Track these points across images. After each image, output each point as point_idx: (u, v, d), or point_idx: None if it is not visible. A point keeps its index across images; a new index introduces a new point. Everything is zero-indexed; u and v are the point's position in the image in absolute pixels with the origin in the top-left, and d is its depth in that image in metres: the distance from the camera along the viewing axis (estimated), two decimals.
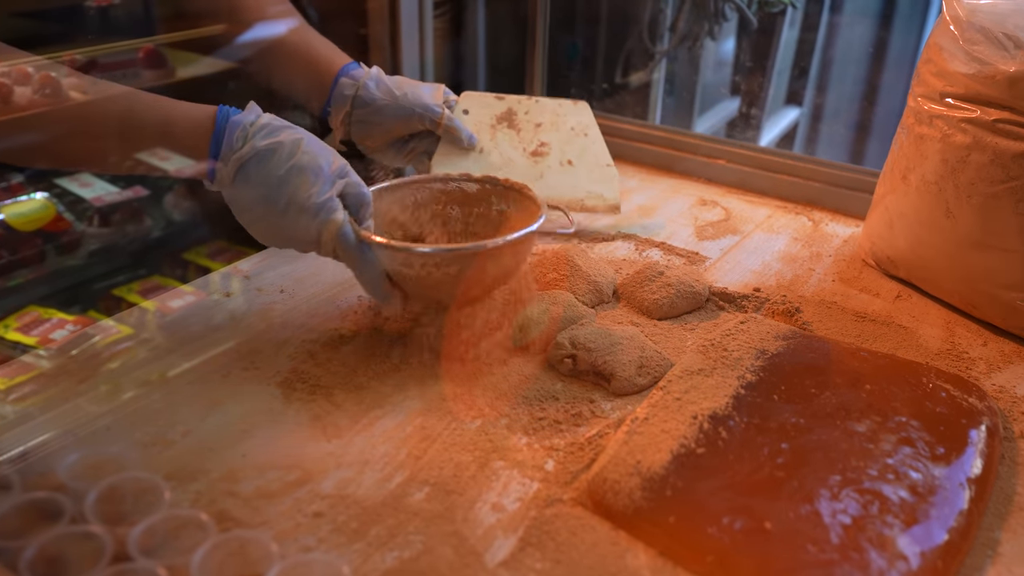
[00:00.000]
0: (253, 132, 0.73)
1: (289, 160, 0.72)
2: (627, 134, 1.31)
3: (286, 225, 0.74)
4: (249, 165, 0.72)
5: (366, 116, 0.97)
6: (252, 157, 0.72)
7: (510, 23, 1.54)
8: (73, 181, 1.32)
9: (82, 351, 0.82)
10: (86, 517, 0.55)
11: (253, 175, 0.73)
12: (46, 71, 0.77)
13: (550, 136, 1.08)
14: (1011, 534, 0.61)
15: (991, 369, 0.81)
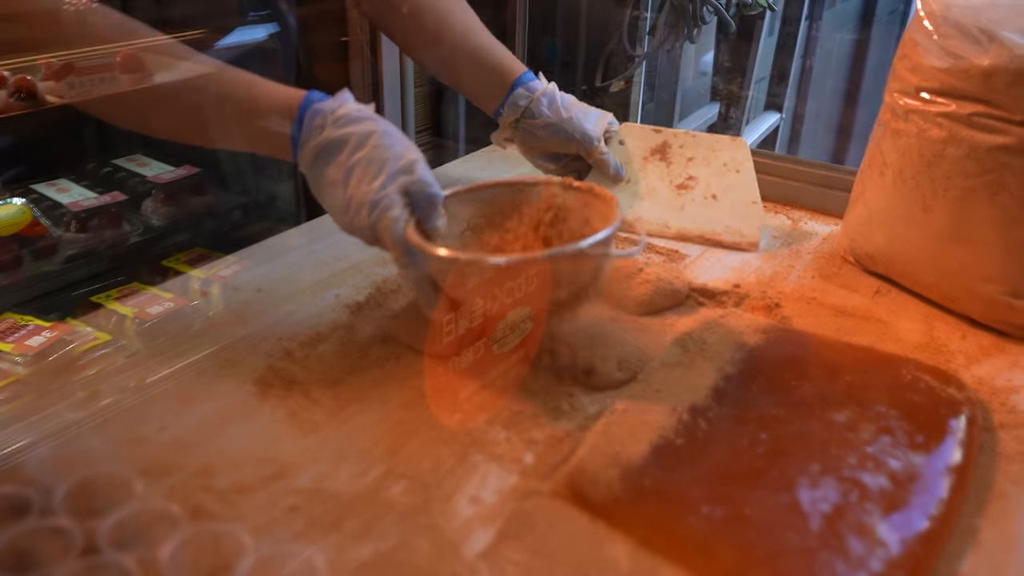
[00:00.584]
0: (331, 121, 0.75)
1: (356, 152, 0.74)
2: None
3: (350, 216, 0.74)
4: (322, 153, 0.75)
5: (531, 128, 1.08)
6: (325, 146, 0.75)
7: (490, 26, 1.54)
8: (50, 187, 1.31)
9: (58, 358, 0.81)
10: (55, 511, 0.54)
11: (324, 163, 0.75)
12: None
13: (700, 170, 1.10)
14: (991, 522, 0.61)
15: (970, 362, 0.81)
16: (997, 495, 0.64)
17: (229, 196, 1.42)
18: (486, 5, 1.55)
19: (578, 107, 1.09)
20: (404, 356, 0.79)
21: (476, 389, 0.74)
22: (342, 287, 0.91)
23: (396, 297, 0.88)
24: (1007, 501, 0.63)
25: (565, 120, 1.06)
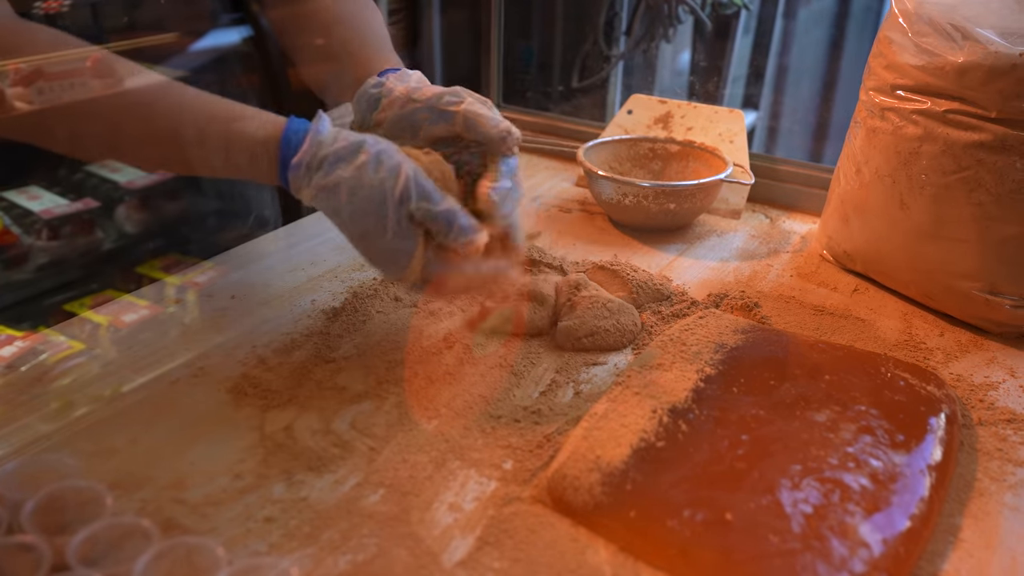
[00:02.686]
0: (315, 166, 0.68)
1: (350, 205, 0.67)
2: (584, 136, 1.31)
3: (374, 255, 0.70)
4: (318, 202, 0.69)
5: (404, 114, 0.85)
6: (318, 195, 0.68)
7: (465, 28, 1.53)
8: (21, 194, 1.29)
9: (31, 368, 0.80)
10: (23, 527, 0.53)
11: (326, 210, 0.69)
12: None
13: (697, 138, 1.15)
14: (972, 520, 0.61)
15: (948, 359, 0.81)
16: (978, 493, 0.64)
17: (204, 201, 1.41)
18: (461, 7, 1.54)
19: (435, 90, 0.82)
20: (379, 365, 0.78)
21: (455, 394, 0.73)
22: (318, 293, 0.90)
23: (374, 302, 0.87)
24: (988, 498, 0.63)
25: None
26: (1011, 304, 0.83)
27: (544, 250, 0.96)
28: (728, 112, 1.18)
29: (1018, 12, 0.77)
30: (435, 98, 0.78)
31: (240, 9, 1.19)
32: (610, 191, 1.04)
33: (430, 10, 1.56)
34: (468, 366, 0.77)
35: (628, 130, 1.21)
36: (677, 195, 1.02)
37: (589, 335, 0.79)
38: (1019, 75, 0.76)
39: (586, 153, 1.10)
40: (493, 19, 1.38)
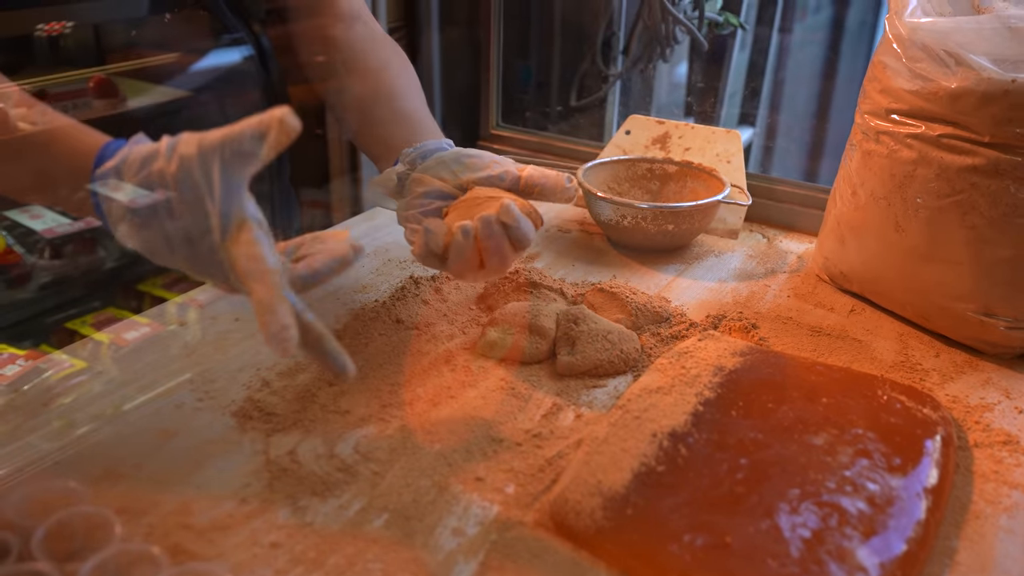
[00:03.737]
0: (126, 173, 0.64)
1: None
2: (582, 155, 1.32)
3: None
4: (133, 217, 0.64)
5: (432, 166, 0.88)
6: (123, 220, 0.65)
7: (464, 48, 1.54)
8: (23, 213, 1.30)
9: (33, 386, 0.80)
10: (33, 554, 0.54)
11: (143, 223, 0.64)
12: None
13: (694, 159, 1.16)
14: (968, 542, 0.62)
15: (944, 380, 0.82)
16: (973, 515, 0.65)
17: None
18: (460, 26, 1.55)
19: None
20: (382, 388, 0.79)
21: (457, 417, 0.74)
22: (320, 315, 0.90)
23: (375, 324, 0.88)
24: (983, 521, 0.64)
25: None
26: (1005, 325, 0.84)
27: (544, 272, 0.97)
28: (725, 132, 1.19)
29: (1010, 39, 0.78)
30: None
31: (241, 28, 1.20)
32: (609, 212, 1.05)
33: (429, 29, 1.57)
34: (470, 389, 0.78)
35: (626, 150, 1.22)
36: (675, 216, 1.03)
37: (591, 369, 0.80)
38: (1011, 101, 0.77)
39: (585, 174, 1.11)
40: (492, 38, 1.39)
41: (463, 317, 0.90)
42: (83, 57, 1.19)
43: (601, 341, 0.81)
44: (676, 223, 1.03)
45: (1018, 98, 0.77)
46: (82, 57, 1.20)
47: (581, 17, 1.65)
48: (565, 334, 0.82)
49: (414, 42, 1.59)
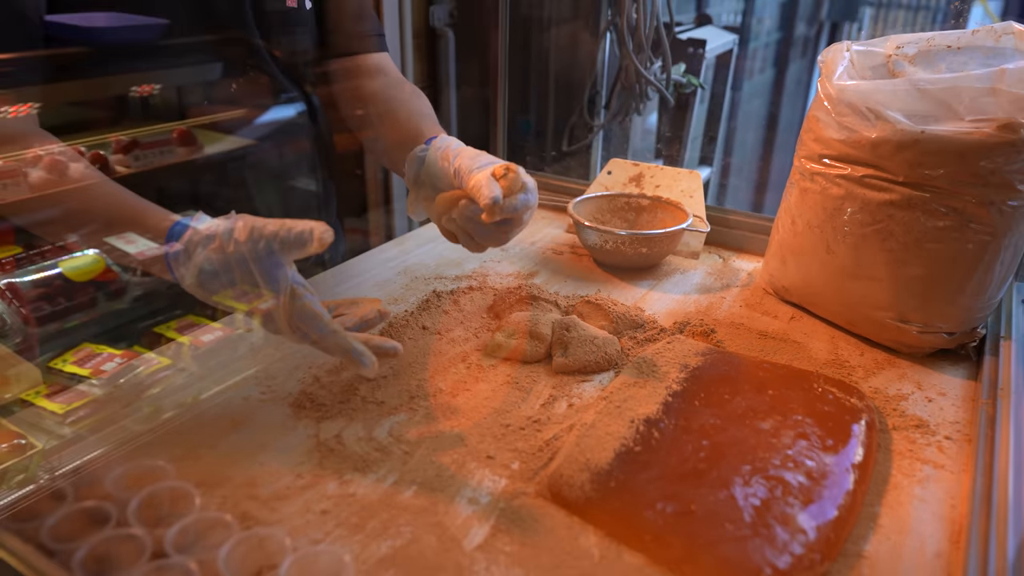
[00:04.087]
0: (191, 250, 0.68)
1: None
2: (572, 191, 1.32)
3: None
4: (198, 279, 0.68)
5: (425, 179, 0.85)
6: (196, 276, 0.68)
7: (476, 104, 1.55)
8: (120, 239, 1.30)
9: (128, 380, 0.80)
10: (129, 521, 0.54)
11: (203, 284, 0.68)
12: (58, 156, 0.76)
13: (663, 194, 1.16)
14: (888, 509, 0.62)
15: (867, 374, 0.82)
16: (893, 486, 0.64)
17: None
18: (473, 86, 1.56)
19: (469, 153, 0.80)
20: (411, 382, 0.79)
21: (471, 406, 0.74)
22: None
23: (405, 330, 0.87)
24: (901, 491, 0.64)
25: (451, 162, 0.80)
26: (917, 330, 0.83)
27: (542, 287, 0.97)
28: (688, 173, 1.19)
29: (919, 99, 0.78)
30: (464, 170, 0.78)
31: (295, 89, 1.20)
32: (594, 238, 1.05)
33: (447, 88, 1.58)
34: (482, 383, 0.78)
35: (608, 187, 1.21)
36: (648, 241, 1.03)
37: (581, 368, 0.80)
38: (921, 148, 0.77)
39: (575, 207, 1.11)
40: (499, 96, 1.39)
41: (476, 324, 0.90)
42: (168, 113, 1.20)
43: (589, 345, 0.80)
44: (649, 246, 1.03)
45: (927, 146, 0.77)
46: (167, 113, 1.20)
47: (570, 79, 1.65)
48: (559, 339, 0.82)
49: (435, 99, 1.59)
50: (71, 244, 1.19)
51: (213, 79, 1.16)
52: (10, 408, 0.85)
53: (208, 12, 0.90)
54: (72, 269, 1.16)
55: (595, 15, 1.58)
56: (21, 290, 1.01)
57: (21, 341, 1.01)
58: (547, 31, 1.62)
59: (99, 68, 0.94)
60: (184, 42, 0.97)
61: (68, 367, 0.96)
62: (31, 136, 0.75)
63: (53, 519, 0.54)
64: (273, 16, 0.97)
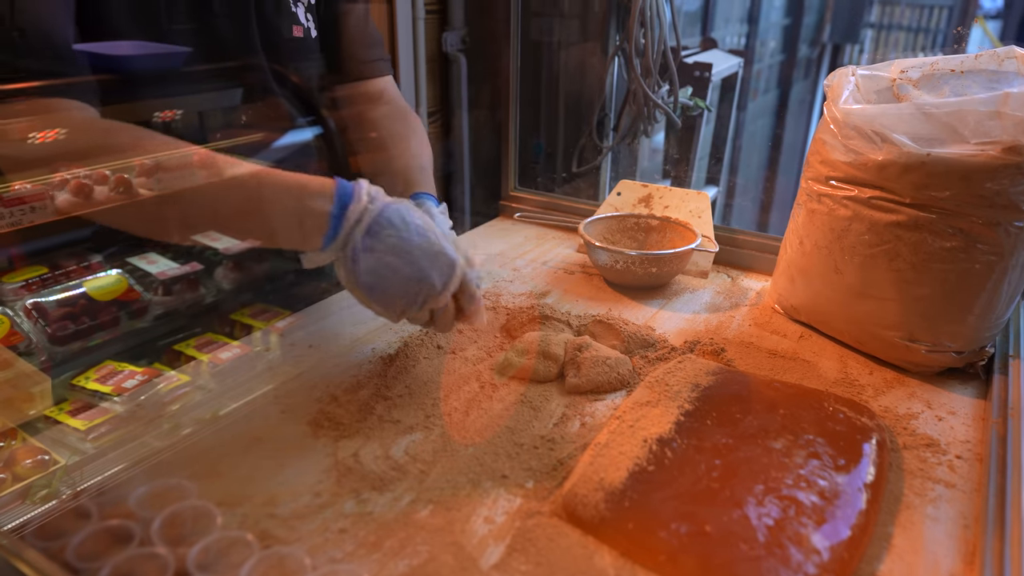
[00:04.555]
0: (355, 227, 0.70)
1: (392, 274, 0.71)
2: (582, 212, 1.32)
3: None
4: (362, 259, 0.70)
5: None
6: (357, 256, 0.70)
7: (488, 127, 1.56)
8: (141, 259, 1.31)
9: (149, 397, 0.80)
10: (152, 540, 0.53)
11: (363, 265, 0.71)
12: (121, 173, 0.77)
13: (672, 215, 1.17)
14: (901, 529, 0.61)
15: (877, 393, 0.81)
16: (905, 506, 0.64)
17: (284, 262, 1.42)
18: (485, 109, 1.57)
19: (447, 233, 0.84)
20: (426, 401, 0.78)
21: (486, 425, 0.73)
22: (377, 342, 0.90)
23: (421, 350, 0.87)
24: (914, 511, 0.63)
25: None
26: (926, 349, 0.83)
27: (553, 307, 0.97)
28: (696, 194, 1.18)
29: (925, 122, 0.78)
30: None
31: (312, 113, 1.21)
32: (605, 258, 1.05)
33: (460, 111, 1.58)
34: (496, 403, 0.78)
35: (618, 208, 1.21)
36: (658, 261, 1.02)
37: (593, 389, 0.79)
38: (927, 170, 0.77)
39: (586, 227, 1.11)
40: (510, 119, 1.40)
41: (489, 343, 0.90)
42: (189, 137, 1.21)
43: (601, 366, 0.80)
44: (659, 266, 1.03)
45: (933, 168, 0.76)
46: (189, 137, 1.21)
47: (580, 102, 1.65)
48: (572, 359, 0.82)
49: (448, 123, 1.60)
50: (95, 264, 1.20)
51: (233, 104, 1.17)
52: (35, 424, 0.85)
53: (223, 41, 0.91)
54: (96, 289, 1.16)
55: (603, 40, 1.59)
56: (47, 309, 1.02)
57: (46, 359, 1.02)
58: (557, 56, 1.63)
59: (124, 94, 0.95)
60: (205, 69, 0.98)
61: (91, 384, 0.96)
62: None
63: (78, 538, 0.53)
64: (282, 44, 0.98)
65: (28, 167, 0.73)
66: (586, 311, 0.99)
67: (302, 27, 1.00)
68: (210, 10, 0.87)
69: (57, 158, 0.75)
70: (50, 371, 1.00)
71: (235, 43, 0.92)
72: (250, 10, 0.91)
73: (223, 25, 0.89)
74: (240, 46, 0.93)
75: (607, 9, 1.57)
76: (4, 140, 0.72)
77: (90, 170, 0.81)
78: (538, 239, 1.29)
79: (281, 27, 0.97)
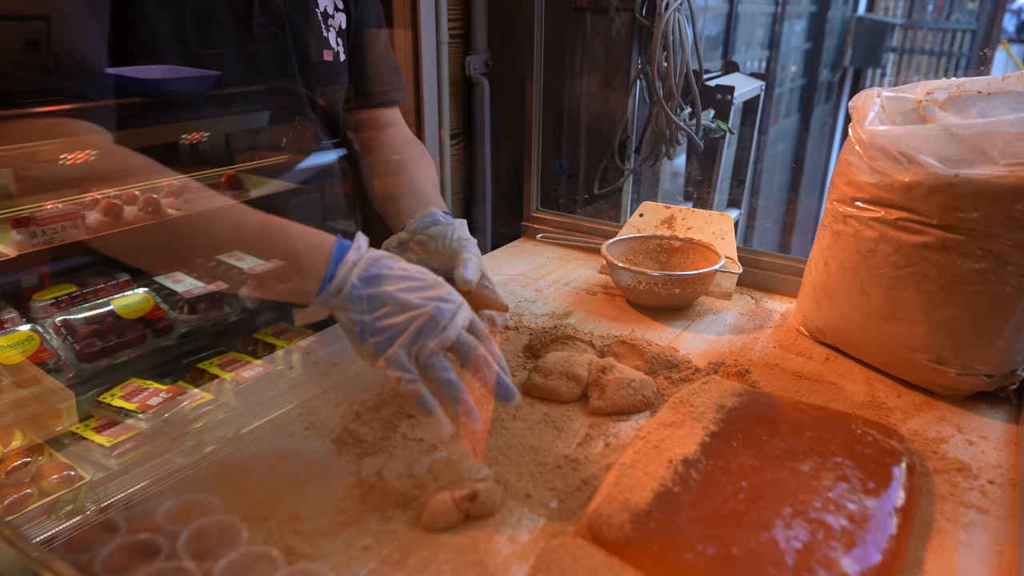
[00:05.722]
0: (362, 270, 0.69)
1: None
2: (604, 233, 1.32)
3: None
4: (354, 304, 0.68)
5: (426, 240, 0.91)
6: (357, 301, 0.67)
7: (511, 148, 1.57)
8: (168, 278, 1.32)
9: (173, 414, 0.81)
10: (179, 554, 0.54)
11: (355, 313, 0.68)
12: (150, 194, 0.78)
13: (695, 236, 1.17)
14: (933, 554, 0.60)
15: (906, 416, 0.80)
16: (937, 531, 0.62)
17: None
18: (507, 132, 1.58)
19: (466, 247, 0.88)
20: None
21: (508, 444, 0.73)
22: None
23: None
24: (945, 536, 0.62)
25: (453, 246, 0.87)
26: (956, 372, 0.82)
27: (576, 327, 0.97)
28: (720, 215, 1.18)
29: (952, 143, 0.78)
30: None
31: (337, 135, 1.23)
32: (627, 279, 1.05)
33: (483, 134, 1.60)
34: (519, 422, 0.77)
35: (640, 229, 1.22)
36: (681, 282, 1.02)
37: (617, 411, 0.79)
38: (955, 191, 0.77)
39: (608, 248, 1.11)
40: (532, 141, 1.41)
41: (513, 363, 0.90)
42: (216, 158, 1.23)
43: (626, 388, 0.80)
44: (682, 287, 1.03)
45: (961, 189, 0.76)
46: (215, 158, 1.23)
47: (602, 124, 1.66)
48: (595, 381, 0.81)
49: (471, 145, 1.62)
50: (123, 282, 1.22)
51: (260, 126, 1.19)
52: (61, 440, 0.86)
53: (256, 65, 0.93)
54: (123, 307, 1.18)
55: (626, 64, 1.60)
56: (75, 326, 1.04)
57: (73, 376, 1.03)
58: (579, 79, 1.65)
59: (154, 117, 0.97)
60: (233, 92, 1.00)
61: (116, 401, 0.97)
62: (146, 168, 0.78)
63: (106, 551, 0.54)
64: (314, 67, 1.00)
65: (44, 187, 0.75)
66: (609, 331, 0.99)
67: (332, 51, 1.02)
68: (249, 35, 0.89)
69: (71, 180, 0.77)
70: (77, 388, 1.02)
71: (271, 67, 0.95)
72: (287, 35, 0.93)
73: (261, 50, 0.92)
74: (276, 69, 0.95)
75: (629, 32, 1.58)
76: (26, 160, 0.74)
77: (120, 190, 0.82)
78: (560, 260, 1.29)
79: (313, 51, 1.00)
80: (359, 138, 1.15)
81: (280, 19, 0.92)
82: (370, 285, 0.68)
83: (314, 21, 0.98)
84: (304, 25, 0.96)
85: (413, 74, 1.42)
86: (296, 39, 0.95)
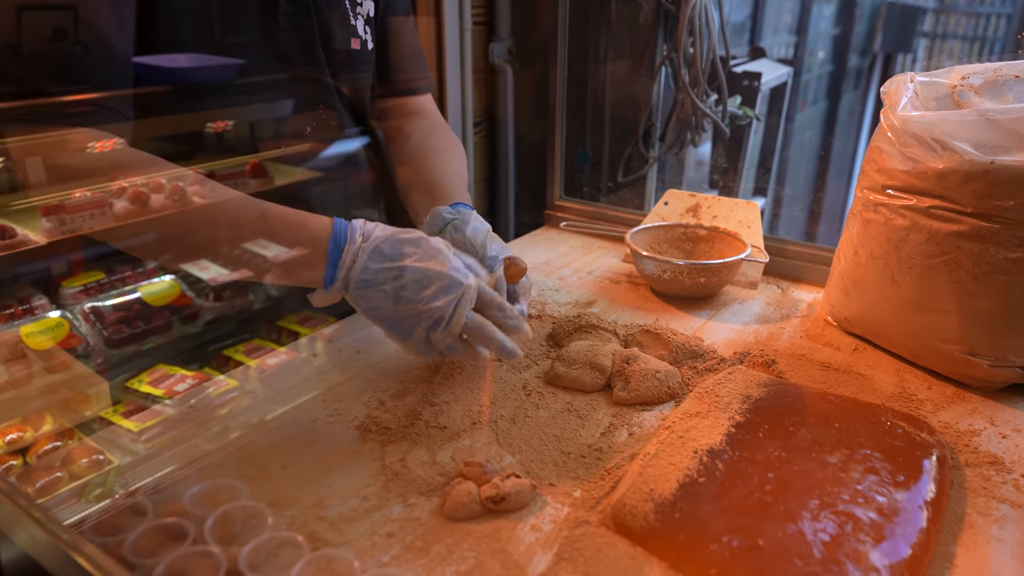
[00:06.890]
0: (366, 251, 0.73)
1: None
2: (628, 222, 1.31)
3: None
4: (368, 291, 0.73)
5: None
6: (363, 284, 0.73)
7: (534, 135, 1.56)
8: (194, 266, 1.34)
9: (199, 400, 0.82)
10: (205, 539, 0.54)
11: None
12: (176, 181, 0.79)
13: (720, 225, 1.16)
14: (964, 549, 0.59)
15: (937, 408, 0.79)
16: (968, 525, 0.61)
17: None
18: (530, 119, 1.57)
19: (488, 237, 0.89)
20: (473, 408, 0.78)
21: (532, 433, 0.73)
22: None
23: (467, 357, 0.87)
24: (977, 531, 0.61)
25: (473, 243, 0.88)
26: (988, 364, 0.80)
27: (600, 316, 0.96)
28: (746, 203, 1.17)
29: (988, 129, 0.76)
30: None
31: (361, 123, 1.23)
32: (652, 267, 1.04)
33: (505, 121, 1.59)
34: (543, 411, 0.77)
35: (665, 217, 1.20)
36: (706, 271, 1.01)
37: (642, 402, 0.78)
38: (990, 179, 0.75)
39: (632, 237, 1.10)
40: (556, 129, 1.40)
41: (536, 352, 0.90)
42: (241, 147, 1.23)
43: (651, 379, 0.79)
44: (707, 277, 1.02)
45: (996, 176, 0.74)
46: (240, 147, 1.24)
47: (626, 111, 1.65)
48: (619, 371, 0.81)
49: (494, 132, 1.61)
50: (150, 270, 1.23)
51: (284, 115, 1.19)
52: (90, 425, 0.88)
53: (281, 53, 0.93)
54: (150, 294, 1.19)
55: (651, 50, 1.59)
56: (104, 313, 1.05)
57: (102, 362, 1.05)
58: (603, 66, 1.63)
59: (180, 105, 0.97)
60: (258, 80, 1.00)
61: (143, 387, 0.98)
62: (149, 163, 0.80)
63: (134, 534, 0.55)
64: (340, 55, 1.00)
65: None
66: (633, 321, 0.98)
67: (360, 39, 1.02)
68: (276, 23, 0.89)
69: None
70: (106, 374, 1.03)
71: (297, 55, 0.95)
72: (313, 23, 0.93)
73: (287, 38, 0.92)
74: (303, 58, 0.95)
75: (655, 18, 1.56)
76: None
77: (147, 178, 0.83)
78: (583, 248, 1.28)
79: (340, 39, 0.99)
80: (384, 126, 1.15)
81: (307, 7, 0.92)
82: (365, 287, 0.73)
83: (342, 9, 0.97)
84: (331, 13, 0.96)
85: (436, 61, 1.41)
86: (323, 27, 0.94)
